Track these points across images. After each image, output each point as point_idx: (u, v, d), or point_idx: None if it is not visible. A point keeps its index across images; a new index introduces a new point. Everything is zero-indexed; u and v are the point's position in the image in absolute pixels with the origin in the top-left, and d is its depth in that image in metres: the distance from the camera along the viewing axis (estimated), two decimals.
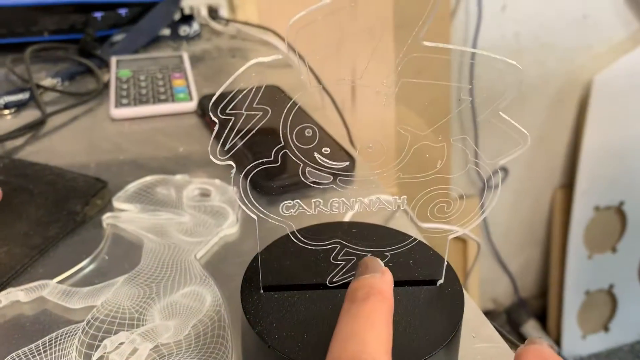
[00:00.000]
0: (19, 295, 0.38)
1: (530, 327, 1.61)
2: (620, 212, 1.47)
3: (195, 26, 0.86)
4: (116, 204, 0.48)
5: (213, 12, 0.90)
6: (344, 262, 0.30)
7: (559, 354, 0.25)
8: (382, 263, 0.27)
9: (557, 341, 1.56)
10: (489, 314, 1.67)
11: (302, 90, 0.25)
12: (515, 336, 1.65)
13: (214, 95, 0.66)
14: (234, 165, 0.28)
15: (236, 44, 0.85)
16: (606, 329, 1.57)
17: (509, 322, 1.67)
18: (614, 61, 1.32)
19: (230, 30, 0.89)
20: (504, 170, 1.37)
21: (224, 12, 0.92)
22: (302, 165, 0.27)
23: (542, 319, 1.62)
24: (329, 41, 0.24)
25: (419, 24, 0.22)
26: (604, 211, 1.46)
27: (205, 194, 0.49)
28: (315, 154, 0.27)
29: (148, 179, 0.50)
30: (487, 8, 1.22)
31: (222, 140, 0.27)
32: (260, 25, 0.85)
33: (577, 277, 1.49)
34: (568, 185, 1.48)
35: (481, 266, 1.53)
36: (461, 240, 1.31)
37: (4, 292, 0.38)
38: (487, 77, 0.23)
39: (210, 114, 0.26)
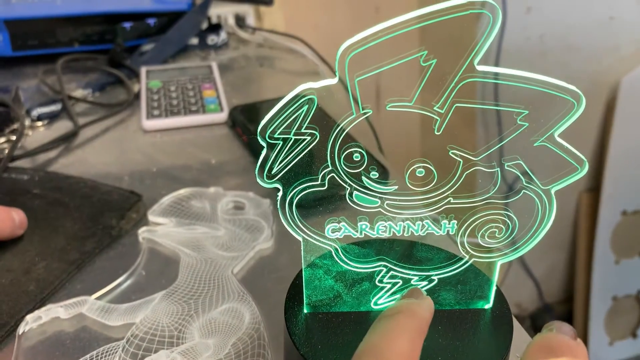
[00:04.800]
0: (59, 311, 0.38)
1: None
2: None
3: (223, 35, 0.86)
4: (151, 217, 0.48)
5: (240, 21, 0.90)
6: (389, 285, 0.30)
7: None
8: (424, 292, 0.27)
9: None
10: None
11: (349, 115, 0.25)
12: None
13: (244, 106, 0.66)
14: (280, 188, 0.27)
15: (263, 52, 0.85)
16: (634, 335, 1.54)
17: (534, 327, 1.65)
18: None
19: (257, 38, 0.89)
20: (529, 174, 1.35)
21: (250, 21, 0.92)
22: (349, 188, 0.27)
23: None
24: (371, 61, 0.23)
25: (475, 48, 0.21)
26: (631, 215, 1.43)
27: (239, 207, 0.49)
28: (363, 177, 0.27)
29: (182, 192, 0.50)
30: (512, 10, 1.20)
31: (269, 163, 0.27)
32: (287, 33, 0.85)
33: (603, 282, 1.47)
34: (594, 188, 1.45)
35: (505, 270, 1.51)
36: None
37: (44, 309, 0.39)
38: (539, 99, 0.22)
39: (259, 137, 0.25)
